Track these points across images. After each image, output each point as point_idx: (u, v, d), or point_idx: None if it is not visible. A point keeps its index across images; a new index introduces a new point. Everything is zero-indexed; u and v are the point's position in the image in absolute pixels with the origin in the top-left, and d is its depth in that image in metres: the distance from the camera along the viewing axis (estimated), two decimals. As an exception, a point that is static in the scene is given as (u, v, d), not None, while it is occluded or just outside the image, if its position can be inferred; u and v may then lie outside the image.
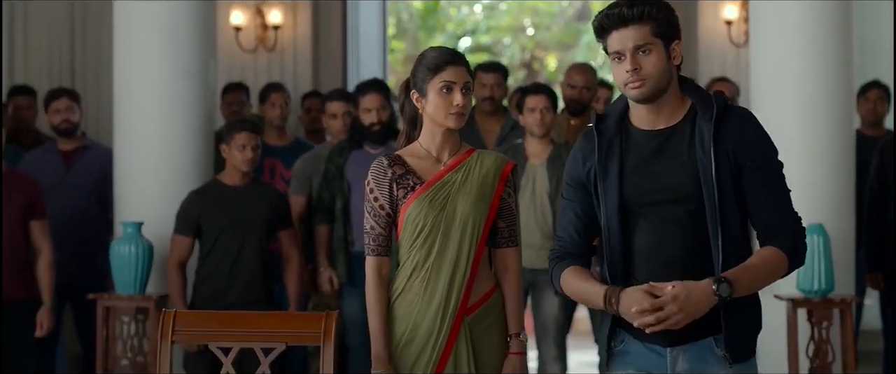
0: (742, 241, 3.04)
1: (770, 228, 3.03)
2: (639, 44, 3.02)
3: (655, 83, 3.02)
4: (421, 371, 3.65)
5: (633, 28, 3.02)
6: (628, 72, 3.01)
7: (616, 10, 3.05)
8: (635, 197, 3.08)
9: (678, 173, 3.05)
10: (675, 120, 3.09)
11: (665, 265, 3.02)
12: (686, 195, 3.04)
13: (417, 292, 3.66)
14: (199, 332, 3.54)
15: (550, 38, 18.61)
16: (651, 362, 3.09)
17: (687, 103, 3.10)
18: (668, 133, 3.08)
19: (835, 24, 5.91)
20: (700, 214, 3.02)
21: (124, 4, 6.10)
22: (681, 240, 3.03)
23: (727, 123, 3.03)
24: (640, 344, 3.08)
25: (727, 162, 3.01)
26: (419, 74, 3.66)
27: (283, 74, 8.73)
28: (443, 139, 3.68)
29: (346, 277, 5.74)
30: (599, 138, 3.11)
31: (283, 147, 6.72)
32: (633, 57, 3.01)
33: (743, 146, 3.02)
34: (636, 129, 3.11)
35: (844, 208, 5.86)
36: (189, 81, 6.08)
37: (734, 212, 3.02)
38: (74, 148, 6.46)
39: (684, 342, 3.02)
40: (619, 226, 3.08)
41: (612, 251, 3.10)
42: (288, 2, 8.98)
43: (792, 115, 5.83)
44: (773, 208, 3.04)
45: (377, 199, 3.69)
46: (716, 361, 3.04)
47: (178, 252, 5.55)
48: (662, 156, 3.08)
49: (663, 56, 3.03)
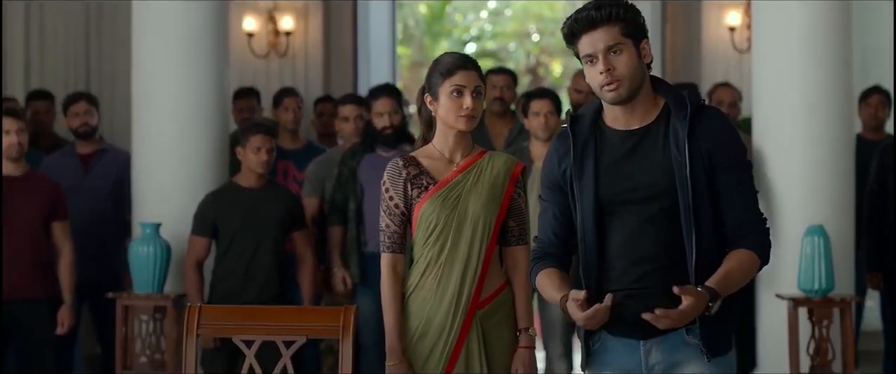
0: (715, 238, 3.07)
1: (742, 226, 3.06)
2: (610, 45, 3.03)
3: (630, 83, 3.04)
4: (434, 364, 3.75)
5: (602, 30, 3.04)
6: (602, 73, 3.03)
7: (584, 14, 3.07)
8: (610, 196, 3.10)
9: (652, 172, 3.07)
10: (649, 120, 3.11)
11: (638, 262, 3.06)
12: (660, 193, 3.06)
13: (430, 288, 3.77)
14: (224, 326, 3.67)
15: (555, 44, 18.50)
16: (626, 357, 3.13)
17: (660, 103, 3.12)
18: (643, 133, 3.11)
19: (835, 31, 5.99)
20: (674, 212, 3.05)
21: (142, 12, 6.23)
22: (654, 238, 3.06)
23: (701, 123, 3.05)
24: (616, 340, 3.13)
25: (701, 161, 3.03)
26: (433, 78, 3.78)
27: (294, 79, 8.79)
28: (455, 141, 3.79)
29: (358, 277, 5.84)
30: (574, 139, 3.14)
31: (296, 150, 6.84)
32: (606, 58, 3.03)
33: (717, 145, 3.05)
34: (610, 129, 3.13)
35: (844, 209, 5.94)
36: (204, 86, 6.20)
37: (708, 210, 3.05)
38: (92, 151, 6.57)
39: (656, 335, 3.06)
40: (594, 225, 3.10)
41: (586, 250, 3.12)
42: (299, 8, 9.04)
43: (793, 119, 5.92)
44: (745, 207, 3.07)
45: (392, 198, 3.80)
46: (687, 350, 3.08)
47: (195, 252, 5.68)
48: (637, 155, 3.10)
49: (634, 55, 3.05)
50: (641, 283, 3.04)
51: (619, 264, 3.08)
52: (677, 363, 3.09)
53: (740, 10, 8.86)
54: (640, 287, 3.04)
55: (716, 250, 3.06)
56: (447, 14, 19.12)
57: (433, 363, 3.76)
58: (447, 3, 18.93)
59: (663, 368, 3.10)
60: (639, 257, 3.06)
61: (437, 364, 3.76)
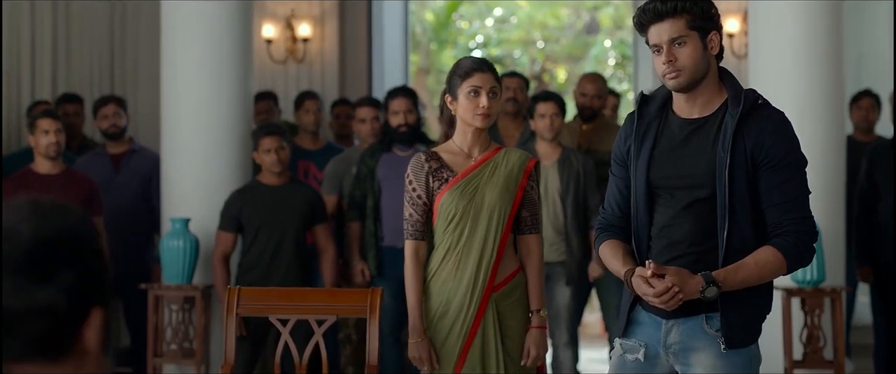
0: (751, 235, 3.09)
1: (777, 226, 3.08)
2: (674, 37, 3.08)
3: (691, 74, 3.09)
4: (452, 342, 4.02)
5: (668, 22, 3.09)
6: (664, 64, 3.09)
7: (651, 6, 3.11)
8: (659, 179, 3.17)
9: (697, 162, 3.12)
10: (710, 110, 3.15)
11: (672, 246, 3.15)
12: (700, 184, 3.11)
13: (450, 272, 4.04)
14: (261, 306, 3.99)
15: (560, 51, 18.43)
16: (651, 331, 3.23)
17: (724, 95, 3.15)
18: (701, 123, 3.15)
19: (827, 39, 6.16)
20: (712, 203, 3.09)
21: (171, 21, 6.48)
22: (690, 225, 3.12)
23: (752, 121, 3.08)
24: (646, 314, 3.23)
25: (744, 158, 3.06)
26: (453, 80, 4.05)
27: (311, 83, 8.94)
28: (473, 138, 4.07)
29: (376, 269, 6.05)
30: (639, 121, 3.22)
31: (316, 150, 7.05)
32: (669, 49, 3.08)
33: (761, 145, 3.06)
34: (674, 115, 3.20)
35: (835, 206, 6.13)
36: (230, 91, 6.44)
37: (745, 206, 3.07)
38: (122, 151, 6.80)
39: (678, 316, 3.15)
40: (644, 204, 3.19)
41: (637, 227, 3.22)
42: (316, 16, 9.20)
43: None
44: (784, 209, 3.08)
45: (415, 189, 4.08)
46: (704, 337, 3.14)
47: (222, 246, 5.91)
48: (689, 144, 3.15)
49: (699, 47, 3.09)
50: (671, 264, 3.10)
51: (656, 244, 3.19)
52: (693, 348, 3.17)
53: (739, 17, 9.01)
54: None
55: (750, 247, 3.08)
56: (453, 21, 19.05)
57: (452, 341, 4.02)
58: (453, 10, 18.97)
59: (678, 349, 3.19)
60: (673, 241, 3.16)
61: (456, 342, 4.02)
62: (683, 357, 3.20)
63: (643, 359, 3.25)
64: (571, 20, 18.77)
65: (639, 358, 3.25)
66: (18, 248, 1.40)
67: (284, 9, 9.21)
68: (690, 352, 3.18)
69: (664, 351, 3.22)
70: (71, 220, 1.46)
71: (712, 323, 3.13)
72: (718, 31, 3.16)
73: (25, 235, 1.41)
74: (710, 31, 3.13)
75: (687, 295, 3.04)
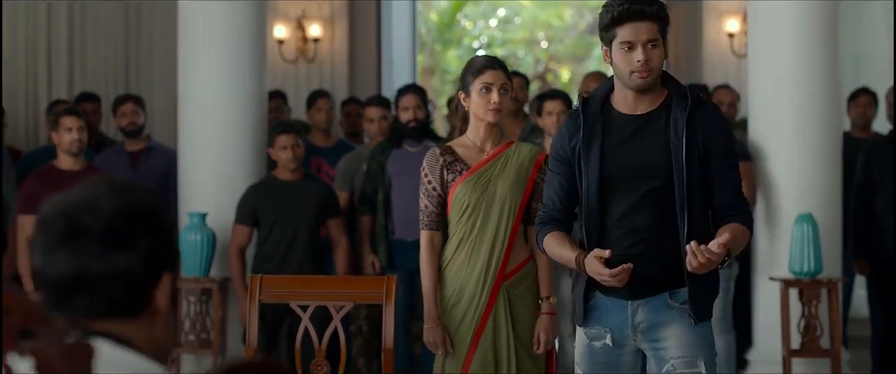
0: (705, 216, 3.37)
1: (731, 207, 3.36)
2: (651, 39, 3.30)
3: (656, 75, 3.36)
4: (465, 327, 4.17)
5: (647, 24, 3.30)
6: (638, 61, 3.30)
7: (636, 6, 3.30)
8: (613, 172, 3.37)
9: (652, 153, 3.35)
10: (653, 107, 3.40)
11: (632, 232, 3.36)
12: (657, 173, 3.34)
13: (463, 261, 4.19)
14: (282, 292, 4.17)
15: (563, 51, 18.63)
16: (615, 315, 3.42)
17: (663, 94, 3.41)
18: (647, 118, 3.39)
19: (825, 38, 6.30)
20: (668, 189, 3.32)
21: (188, 20, 6.67)
22: (649, 211, 3.34)
23: (699, 114, 3.34)
24: (607, 299, 3.42)
25: (696, 148, 3.32)
26: (466, 77, 4.22)
27: (321, 82, 9.08)
28: (485, 132, 4.24)
29: (386, 261, 6.21)
30: (585, 119, 3.40)
31: (328, 148, 7.20)
32: (646, 49, 3.30)
33: (711, 135, 3.34)
34: (617, 112, 3.41)
35: (831, 199, 6.29)
36: (244, 88, 6.62)
37: (699, 191, 3.33)
38: (140, 149, 6.94)
39: (643, 297, 3.38)
40: (597, 197, 3.37)
41: (589, 219, 3.40)
42: (326, 17, 9.35)
43: (787, 118, 6.26)
44: (733, 191, 3.38)
45: (430, 182, 4.24)
46: (670, 313, 3.36)
47: (238, 240, 6.08)
48: (640, 137, 3.37)
49: (663, 51, 3.35)
50: (632, 250, 3.33)
51: (615, 232, 3.37)
52: (660, 323, 3.38)
53: (739, 17, 9.12)
54: (632, 255, 3.30)
55: (704, 226, 3.35)
56: (458, 21, 19.19)
57: (465, 327, 4.17)
58: (457, 11, 19.07)
59: (646, 327, 3.39)
60: (633, 228, 3.36)
61: (469, 328, 4.17)
62: (653, 334, 3.39)
63: (611, 344, 3.43)
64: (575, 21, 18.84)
65: (607, 343, 3.43)
66: (101, 220, 1.60)
67: (295, 10, 9.36)
68: (659, 327, 3.38)
69: (632, 331, 3.41)
70: (144, 195, 1.67)
71: (677, 298, 3.36)
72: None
73: (106, 208, 1.61)
74: (666, 38, 3.38)
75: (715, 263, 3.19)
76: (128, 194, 1.65)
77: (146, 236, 1.63)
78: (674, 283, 3.36)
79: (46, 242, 1.61)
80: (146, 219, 1.64)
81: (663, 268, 3.35)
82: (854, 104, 7.46)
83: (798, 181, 6.26)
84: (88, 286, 1.60)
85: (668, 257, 3.35)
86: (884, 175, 6.66)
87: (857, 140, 7.12)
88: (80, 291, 1.60)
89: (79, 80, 8.74)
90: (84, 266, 1.59)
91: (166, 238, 1.65)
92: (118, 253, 1.60)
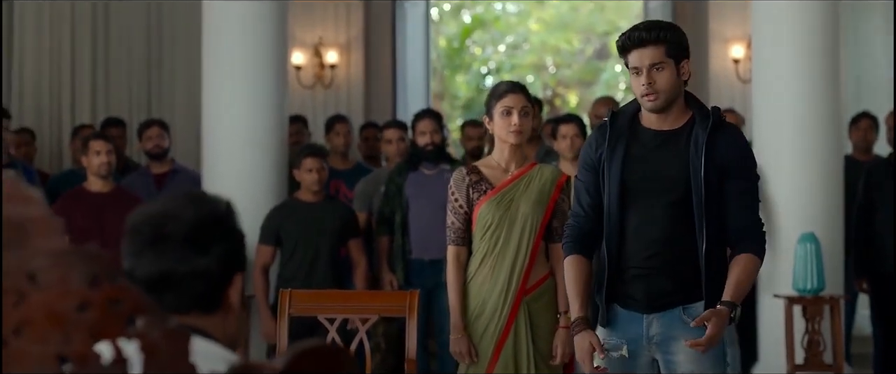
0: (720, 234, 3.43)
1: (744, 230, 3.43)
2: (654, 62, 3.40)
3: (666, 96, 3.43)
4: (488, 339, 4.34)
5: (649, 49, 3.40)
6: (644, 85, 3.41)
7: (636, 33, 3.42)
8: (634, 182, 3.47)
9: (672, 167, 3.44)
10: (677, 125, 3.49)
11: (649, 244, 3.45)
12: (674, 186, 3.42)
13: (486, 276, 4.36)
14: (310, 306, 4.32)
15: (571, 76, 18.69)
16: (632, 326, 3.52)
17: (689, 114, 3.50)
18: (670, 134, 3.48)
19: (826, 65, 6.48)
20: (686, 204, 3.40)
21: (212, 47, 6.89)
22: (665, 225, 3.42)
23: (720, 135, 3.42)
24: (625, 311, 3.55)
25: (714, 166, 3.39)
26: (489, 102, 4.42)
27: (338, 107, 9.24)
28: (510, 154, 4.41)
29: (403, 280, 6.35)
30: (611, 129, 3.52)
31: (346, 171, 7.39)
32: (649, 73, 3.41)
33: (729, 156, 3.42)
34: (644, 127, 3.52)
35: (833, 219, 6.47)
36: (266, 113, 6.84)
37: (716, 208, 3.40)
38: (165, 171, 7.11)
39: (658, 311, 3.48)
40: (618, 205, 3.47)
41: (610, 226, 3.50)
42: (343, 44, 9.52)
43: (789, 141, 6.45)
44: (747, 213, 3.45)
45: (457, 200, 4.42)
46: (682, 326, 3.44)
47: (262, 259, 6.23)
48: (662, 151, 3.46)
49: (674, 73, 3.42)
50: (649, 263, 3.45)
51: (633, 244, 3.48)
52: (673, 337, 3.46)
53: (744, 43, 9.30)
54: (648, 267, 3.44)
55: (721, 242, 3.44)
56: (467, 47, 19.35)
57: (487, 339, 4.35)
58: (466, 37, 19.20)
59: (660, 339, 3.48)
60: (650, 240, 3.45)
61: (491, 340, 4.34)
62: (665, 347, 3.49)
63: (627, 355, 3.51)
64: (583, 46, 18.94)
65: (623, 354, 3.51)
66: (183, 226, 1.84)
67: (313, 37, 9.53)
68: (671, 341, 3.47)
69: (647, 343, 3.51)
70: (220, 206, 1.91)
71: (689, 313, 3.44)
72: (688, 59, 3.48)
73: (188, 217, 1.85)
74: (682, 59, 3.45)
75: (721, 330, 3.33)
76: (205, 205, 1.88)
77: (221, 240, 1.86)
78: (687, 298, 3.46)
79: (134, 246, 1.85)
80: (221, 226, 1.88)
81: (677, 283, 3.45)
82: (855, 128, 7.61)
83: (801, 202, 6.42)
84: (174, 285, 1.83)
85: (683, 272, 3.44)
86: (883, 196, 6.80)
87: (858, 163, 7.27)
88: (166, 289, 1.83)
89: (102, 105, 8.96)
90: (169, 268, 1.83)
91: (238, 243, 1.89)
92: (198, 256, 1.84)
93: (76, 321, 1.52)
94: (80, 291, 1.52)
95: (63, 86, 8.90)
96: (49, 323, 1.51)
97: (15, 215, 1.54)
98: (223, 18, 6.87)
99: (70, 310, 1.52)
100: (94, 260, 1.53)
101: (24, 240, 1.53)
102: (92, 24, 8.95)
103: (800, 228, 6.31)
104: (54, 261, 1.52)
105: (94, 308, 1.52)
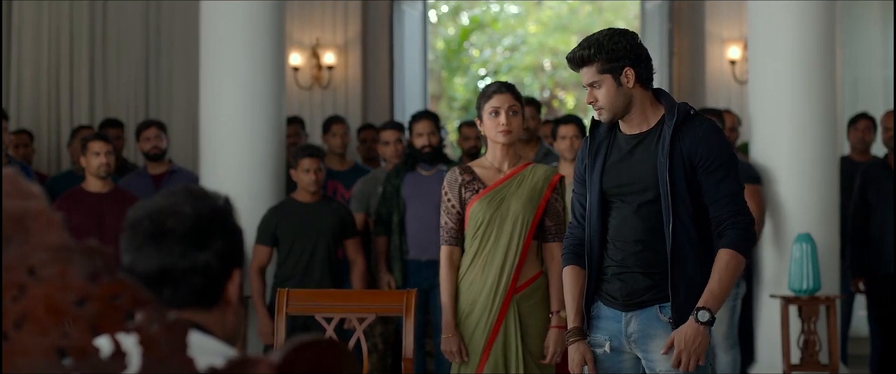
0: (692, 227, 3.46)
1: (720, 222, 3.46)
2: (591, 81, 3.52)
3: (610, 109, 3.52)
4: (478, 337, 4.36)
5: (584, 69, 3.52)
6: (589, 102, 3.56)
7: (571, 54, 3.55)
8: (610, 188, 3.56)
9: (641, 170, 3.51)
10: (649, 125, 3.55)
11: (627, 244, 3.53)
12: (645, 188, 3.49)
13: (476, 274, 4.39)
14: (308, 305, 4.34)
15: (569, 78, 18.60)
16: (612, 324, 3.59)
17: (661, 111, 3.56)
18: (642, 136, 3.55)
19: (822, 66, 6.50)
20: (657, 203, 3.47)
21: (210, 49, 6.92)
22: (637, 225, 3.50)
23: (686, 129, 3.47)
24: (607, 309, 3.61)
25: (681, 161, 3.44)
26: (479, 103, 4.45)
27: (335, 108, 9.28)
28: (502, 153, 4.45)
29: (401, 280, 6.39)
30: (591, 141, 3.63)
31: (343, 171, 7.44)
32: (590, 91, 3.54)
33: (696, 149, 3.45)
34: (621, 133, 3.60)
35: (829, 220, 6.49)
36: (264, 115, 6.87)
37: (686, 203, 3.44)
38: (163, 172, 7.15)
39: (636, 309, 3.54)
40: (598, 212, 3.57)
41: (591, 232, 3.60)
42: (340, 45, 9.53)
43: (786, 141, 6.47)
44: (722, 204, 3.46)
45: (450, 200, 4.47)
46: (659, 324, 3.50)
47: (258, 259, 6.27)
48: (633, 155, 3.54)
49: (613, 86, 3.50)
50: (625, 262, 3.54)
51: (611, 246, 3.58)
52: (650, 335, 3.53)
53: (740, 45, 9.29)
54: (625, 267, 3.53)
55: (693, 237, 3.47)
56: (464, 49, 19.40)
57: (477, 337, 4.37)
58: (464, 39, 19.22)
59: (638, 337, 3.54)
60: (625, 241, 3.54)
61: (481, 337, 4.36)
62: (643, 344, 3.55)
63: (609, 351, 3.60)
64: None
65: (605, 351, 3.60)
66: (183, 222, 1.85)
67: (310, 38, 9.54)
68: (649, 339, 3.53)
69: (626, 340, 3.58)
70: (219, 202, 1.92)
71: (665, 312, 3.50)
72: (633, 65, 3.51)
73: (187, 212, 1.86)
74: (621, 69, 3.50)
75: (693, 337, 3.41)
76: (204, 200, 1.90)
77: (220, 236, 1.88)
78: (664, 296, 3.51)
79: (134, 241, 1.87)
80: (220, 221, 1.89)
81: (650, 281, 3.51)
82: (853, 129, 7.65)
83: (796, 202, 6.45)
84: (173, 280, 1.85)
85: (655, 270, 3.50)
86: (880, 196, 6.85)
87: (856, 163, 7.31)
88: (165, 284, 1.85)
89: (100, 106, 8.97)
90: (169, 263, 1.84)
91: (236, 238, 1.91)
92: (198, 251, 1.85)
93: (76, 314, 1.53)
94: (79, 285, 1.54)
95: (61, 87, 8.92)
96: (49, 317, 1.53)
97: (15, 210, 1.55)
98: (221, 20, 6.90)
99: (70, 304, 1.54)
100: (93, 255, 1.54)
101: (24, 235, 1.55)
102: (90, 25, 8.96)
103: (796, 229, 6.34)
104: (54, 255, 1.54)
105: (94, 302, 1.54)
